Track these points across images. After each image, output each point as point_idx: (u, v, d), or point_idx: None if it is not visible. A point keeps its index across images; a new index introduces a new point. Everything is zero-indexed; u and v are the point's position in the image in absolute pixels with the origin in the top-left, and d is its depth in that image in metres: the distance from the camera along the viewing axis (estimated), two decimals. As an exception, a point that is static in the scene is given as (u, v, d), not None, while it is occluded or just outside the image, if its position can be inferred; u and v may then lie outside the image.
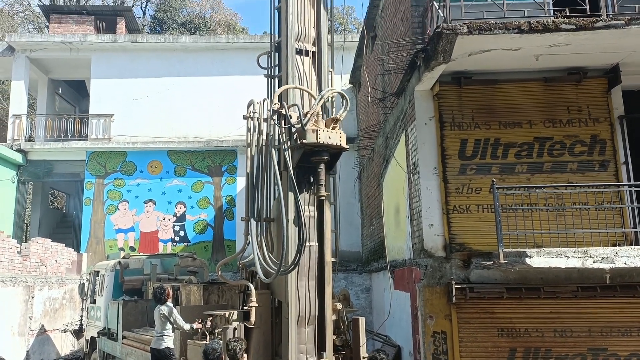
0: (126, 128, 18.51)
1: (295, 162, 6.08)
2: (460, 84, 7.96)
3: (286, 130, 6.20)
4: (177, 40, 19.59)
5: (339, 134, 6.17)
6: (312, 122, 6.00)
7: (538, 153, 7.78)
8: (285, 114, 6.18)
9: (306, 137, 5.87)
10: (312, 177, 6.35)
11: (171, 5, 37.31)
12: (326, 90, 6.48)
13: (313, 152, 6.03)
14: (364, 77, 14.28)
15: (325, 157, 6.09)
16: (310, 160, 6.17)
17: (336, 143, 6.04)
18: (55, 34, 19.55)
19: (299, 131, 5.98)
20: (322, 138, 5.87)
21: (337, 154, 6.38)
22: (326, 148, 6.02)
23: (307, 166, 6.30)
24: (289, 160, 6.00)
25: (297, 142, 6.00)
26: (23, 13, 34.89)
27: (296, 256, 5.75)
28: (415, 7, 8.87)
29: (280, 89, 6.47)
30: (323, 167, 6.10)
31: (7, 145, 17.56)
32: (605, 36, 6.62)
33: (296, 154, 6.09)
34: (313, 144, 5.89)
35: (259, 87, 8.62)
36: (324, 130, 5.93)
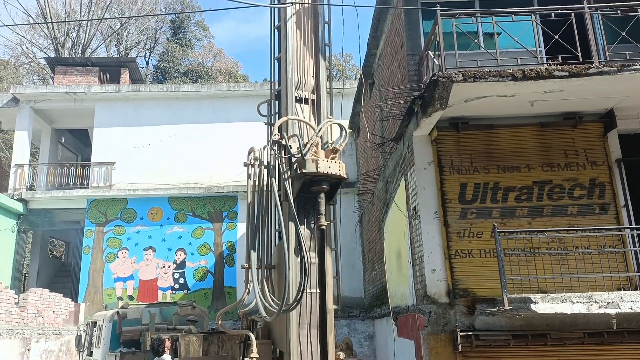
0: (127, 175, 18.63)
1: (295, 192, 6.06)
2: (457, 129, 8.07)
3: (286, 160, 6.26)
4: (179, 88, 19.99)
5: (338, 163, 6.25)
6: (311, 153, 6.04)
7: (538, 197, 7.80)
8: (285, 144, 6.29)
9: (306, 166, 5.89)
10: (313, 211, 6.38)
11: (174, 55, 38.27)
12: (325, 121, 6.62)
13: (313, 181, 6.03)
14: (363, 123, 14.48)
15: (325, 186, 6.08)
16: (311, 190, 6.22)
17: (336, 172, 6.04)
18: (59, 85, 19.96)
19: (299, 161, 6.00)
20: (322, 167, 5.91)
21: (337, 184, 6.37)
22: (326, 177, 6.03)
23: (307, 196, 6.34)
24: (289, 189, 6.00)
25: (297, 171, 6.06)
26: (29, 65, 35.73)
27: (299, 289, 5.69)
28: (411, 55, 9.08)
29: (280, 121, 6.60)
30: (323, 197, 6.08)
31: (9, 195, 17.62)
32: (598, 82, 6.76)
33: (296, 183, 6.08)
34: (313, 173, 5.91)
35: (259, 134, 8.74)
36: (323, 160, 5.97)
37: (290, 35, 6.87)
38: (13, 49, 35.14)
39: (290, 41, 6.85)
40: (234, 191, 18.10)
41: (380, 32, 11.86)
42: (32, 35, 33.87)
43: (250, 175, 6.72)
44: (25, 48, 34.71)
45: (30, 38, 33.93)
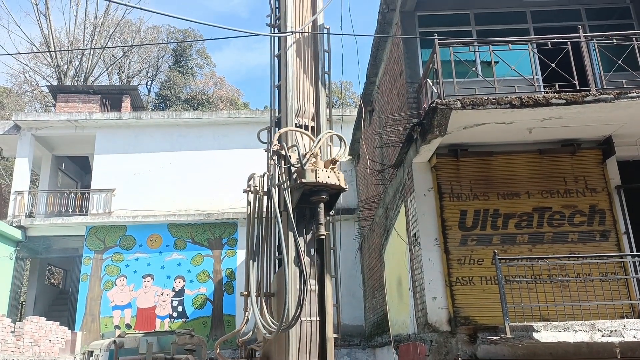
0: (127, 202, 18.61)
1: (295, 202, 6.11)
2: (457, 156, 8.09)
3: (286, 171, 6.27)
4: (180, 116, 20.16)
5: (337, 174, 6.22)
6: (311, 163, 6.08)
7: (538, 223, 7.77)
8: (285, 155, 6.33)
9: (305, 176, 5.94)
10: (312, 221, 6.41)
11: (175, 82, 38.69)
12: (324, 133, 6.68)
13: (312, 192, 6.07)
14: (363, 150, 14.54)
15: (325, 196, 6.10)
16: (310, 200, 6.14)
17: (335, 183, 6.08)
18: (61, 112, 20.13)
19: (298, 171, 6.04)
20: (321, 177, 5.96)
21: (337, 195, 6.37)
22: (325, 188, 6.08)
23: (307, 206, 6.35)
24: (289, 199, 6.05)
25: (296, 181, 6.06)
26: (31, 92, 36.07)
27: (299, 303, 5.66)
28: (410, 83, 9.19)
29: (280, 131, 6.65)
30: (322, 207, 6.11)
31: (8, 222, 17.58)
32: (595, 109, 6.81)
33: (296, 194, 6.12)
34: (312, 183, 5.95)
35: (259, 161, 8.77)
36: (322, 170, 6.03)
37: (290, 64, 6.96)
38: (16, 77, 35.57)
39: (291, 69, 6.94)
40: (233, 218, 18.06)
41: (380, 61, 12.02)
42: (35, 64, 34.30)
43: (250, 202, 6.73)
44: (28, 76, 35.13)
45: (34, 66, 34.36)
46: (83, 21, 32.90)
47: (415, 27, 9.67)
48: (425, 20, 9.77)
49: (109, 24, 33.86)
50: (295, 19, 7.23)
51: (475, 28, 9.69)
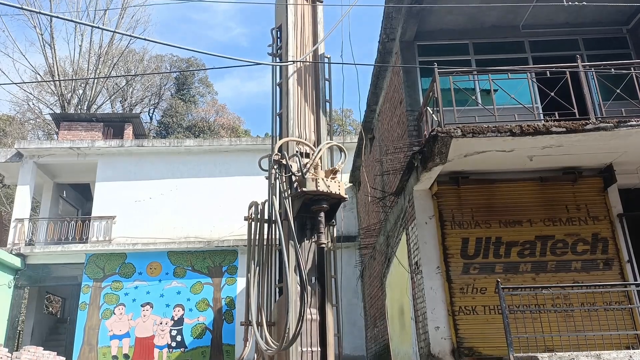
0: (127, 229, 18.55)
1: (295, 211, 6.14)
2: (458, 184, 8.10)
3: (286, 180, 6.32)
4: (182, 143, 20.25)
5: (338, 183, 6.25)
6: (311, 173, 6.14)
7: (541, 252, 7.72)
8: (285, 164, 6.33)
9: (306, 185, 6.01)
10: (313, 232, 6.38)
11: (177, 110, 39.02)
12: (324, 143, 6.74)
13: (313, 201, 6.13)
14: (364, 177, 14.56)
15: (325, 205, 6.15)
16: (311, 210, 6.18)
17: (335, 192, 6.14)
18: (64, 140, 20.23)
19: (299, 180, 6.11)
20: (322, 186, 6.02)
21: (337, 204, 6.42)
22: (326, 197, 6.13)
23: (308, 216, 6.35)
24: (289, 208, 6.06)
25: (297, 190, 6.11)
26: (34, 120, 36.36)
27: (300, 314, 5.64)
28: (410, 111, 9.25)
29: (281, 141, 6.65)
30: (323, 216, 6.17)
31: (7, 250, 17.49)
32: (595, 138, 6.84)
33: (296, 203, 6.17)
34: (313, 192, 6.00)
35: (260, 188, 8.76)
36: (323, 180, 6.09)
37: (291, 92, 7.03)
38: (19, 105, 35.88)
39: (292, 97, 7.01)
40: (234, 245, 17.96)
41: (380, 89, 12.14)
42: (39, 92, 34.67)
43: (250, 230, 6.71)
44: (32, 104, 35.46)
45: (37, 94, 34.72)
46: (87, 50, 33.38)
47: (415, 56, 9.81)
48: (425, 50, 9.91)
49: (113, 53, 34.33)
50: (296, 49, 7.34)
51: (474, 57, 9.82)
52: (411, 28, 9.43)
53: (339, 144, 6.72)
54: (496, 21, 9.79)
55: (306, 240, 6.35)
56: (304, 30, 7.55)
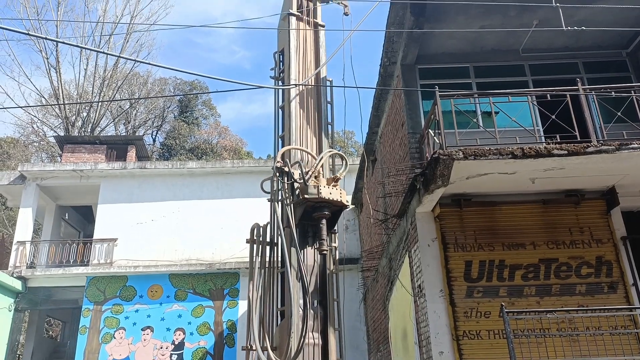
0: (129, 252, 18.49)
1: (297, 218, 6.20)
2: (460, 206, 8.07)
3: (289, 187, 6.36)
4: (184, 165, 20.32)
5: (339, 191, 6.31)
6: (313, 180, 6.20)
7: (545, 275, 7.65)
8: (288, 171, 6.38)
9: (308, 191, 6.09)
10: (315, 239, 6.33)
11: (180, 132, 39.24)
12: (326, 152, 6.82)
13: (315, 208, 6.21)
14: (366, 199, 14.54)
15: (327, 212, 6.22)
16: (312, 217, 6.26)
17: (337, 199, 6.21)
18: (67, 163, 20.32)
19: (301, 187, 6.18)
20: (324, 193, 6.10)
21: (338, 212, 6.48)
22: (327, 204, 6.19)
23: (310, 223, 6.34)
24: (291, 215, 6.12)
25: (299, 197, 6.16)
26: (38, 143, 36.58)
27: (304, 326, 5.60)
28: (412, 134, 9.29)
29: (282, 149, 6.72)
30: (325, 223, 6.23)
31: (8, 273, 17.43)
32: (597, 160, 6.84)
33: (298, 209, 6.24)
34: (315, 198, 6.08)
35: (262, 210, 8.75)
36: (325, 187, 6.17)
37: (293, 115, 7.08)
38: (24, 127, 36.14)
39: (294, 120, 7.06)
40: (235, 268, 17.87)
41: (382, 111, 12.20)
42: (43, 115, 34.95)
43: (252, 253, 6.68)
44: (36, 127, 35.71)
45: (42, 117, 34.99)
46: (92, 74, 33.73)
47: (416, 79, 9.88)
48: (426, 73, 9.99)
49: (118, 76, 34.70)
50: (298, 72, 7.42)
51: (475, 80, 9.89)
52: (412, 52, 9.53)
53: (340, 152, 6.79)
54: (496, 45, 9.89)
55: (308, 247, 6.36)
56: (306, 54, 7.65)
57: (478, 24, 9.29)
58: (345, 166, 6.60)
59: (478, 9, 8.93)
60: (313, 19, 7.84)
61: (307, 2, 7.84)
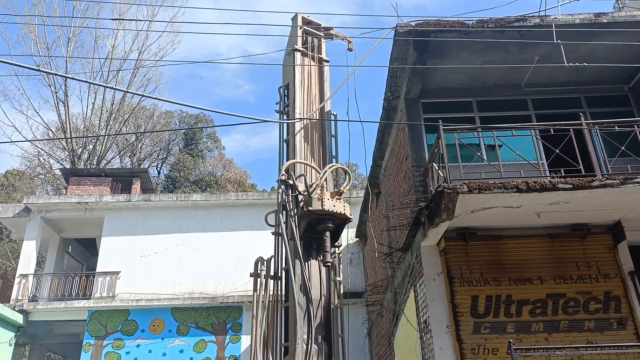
0: (131, 285, 18.35)
1: (302, 231, 6.27)
2: (465, 240, 8.01)
3: (293, 200, 6.44)
4: (189, 198, 20.34)
5: (343, 204, 6.40)
6: (317, 193, 6.29)
7: (553, 311, 7.53)
8: (292, 184, 6.47)
9: (312, 204, 6.18)
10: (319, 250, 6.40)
11: (185, 165, 39.49)
12: (329, 166, 6.87)
13: (319, 221, 6.30)
14: (370, 233, 14.47)
15: (331, 225, 6.29)
16: (316, 229, 6.33)
17: (340, 211, 6.31)
18: (72, 195, 20.39)
19: (305, 199, 6.27)
20: (327, 206, 6.20)
21: (342, 225, 6.56)
22: (331, 216, 6.28)
23: (314, 236, 6.39)
24: (295, 228, 6.18)
25: (303, 209, 6.26)
26: (44, 175, 36.82)
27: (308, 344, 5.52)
28: (416, 167, 9.31)
29: (287, 163, 6.82)
30: (328, 235, 6.30)
31: (10, 306, 17.28)
32: (602, 194, 6.82)
33: (303, 222, 6.32)
34: (319, 211, 6.18)
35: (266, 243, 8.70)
36: (329, 200, 6.27)
37: (298, 148, 7.13)
38: (30, 160, 36.44)
39: (298, 153, 7.10)
40: (239, 302, 17.68)
41: (385, 145, 12.27)
42: (50, 148, 35.28)
43: (256, 286, 6.63)
44: (43, 159, 36.01)
45: (48, 150, 35.32)
46: (100, 107, 34.19)
47: (419, 113, 9.96)
48: (429, 107, 10.09)
49: (125, 110, 35.15)
50: (303, 106, 7.51)
51: (478, 114, 9.97)
52: (415, 86, 9.65)
53: (344, 166, 6.92)
54: (498, 80, 10.01)
55: (312, 259, 6.38)
56: (310, 88, 7.76)
57: (480, 60, 9.43)
58: (348, 180, 6.77)
59: (480, 45, 9.08)
60: (318, 55, 7.99)
61: (311, 38, 8.00)
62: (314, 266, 6.39)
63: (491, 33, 8.71)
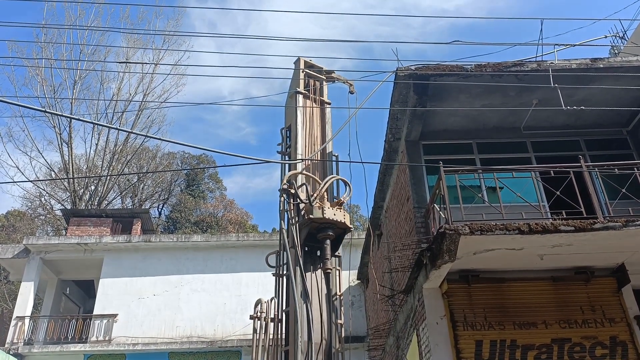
0: (129, 328, 18.04)
1: (302, 239, 6.41)
2: (468, 282, 7.92)
3: (294, 208, 6.59)
4: (189, 238, 20.25)
5: (343, 213, 6.55)
6: (318, 202, 6.45)
7: (558, 356, 7.35)
8: (294, 193, 6.63)
9: (313, 212, 6.33)
10: None
11: (186, 205, 39.47)
12: (330, 177, 7.00)
13: (319, 229, 6.46)
14: (372, 275, 14.32)
15: (331, 233, 6.44)
16: (317, 238, 6.48)
17: (341, 220, 6.46)
18: (72, 236, 20.31)
19: (306, 208, 6.41)
20: (328, 214, 6.37)
21: (342, 235, 6.69)
22: (331, 225, 6.42)
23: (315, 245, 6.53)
24: (296, 235, 6.30)
25: (304, 218, 6.40)
26: (44, 216, 36.76)
27: None
28: (417, 208, 9.30)
29: (289, 173, 6.95)
30: (329, 243, 6.43)
31: (5, 349, 16.94)
32: (604, 237, 6.78)
33: (304, 230, 6.46)
34: (320, 219, 6.33)
35: (266, 285, 8.63)
36: (329, 209, 6.43)
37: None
38: (31, 200, 36.47)
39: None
40: (238, 346, 17.32)
41: (387, 186, 12.30)
42: (52, 189, 35.37)
43: (256, 329, 6.52)
44: (44, 200, 36.04)
45: (50, 191, 35.39)
46: (103, 149, 34.50)
47: (420, 154, 10.03)
48: (430, 149, 10.16)
49: (127, 151, 35.44)
50: (305, 147, 7.59)
51: (478, 156, 10.03)
52: (416, 128, 9.75)
53: (343, 178, 7.12)
54: (498, 123, 10.13)
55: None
56: (312, 130, 7.86)
57: (479, 103, 9.57)
58: (349, 191, 6.92)
59: (479, 89, 9.24)
60: (319, 97, 8.13)
61: (313, 81, 8.16)
62: (315, 308, 6.31)
63: (489, 77, 8.88)
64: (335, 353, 6.28)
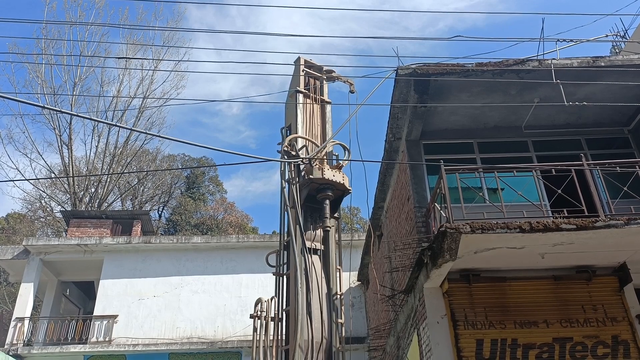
0: (129, 329, 18.00)
1: (302, 199, 6.62)
2: (469, 282, 7.88)
3: (295, 169, 6.81)
4: (189, 240, 20.22)
5: (342, 175, 6.76)
6: (318, 164, 6.69)
7: (560, 355, 7.32)
8: (295, 154, 6.86)
9: (313, 173, 6.55)
10: None
11: (186, 208, 39.44)
12: (328, 140, 7.21)
13: (319, 190, 6.69)
14: (372, 275, 14.29)
15: (330, 193, 6.66)
16: (317, 198, 6.70)
17: (340, 181, 6.69)
18: (72, 237, 20.28)
19: (306, 168, 6.62)
20: (328, 175, 6.62)
21: (341, 197, 6.91)
22: (331, 186, 6.65)
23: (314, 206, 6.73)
24: (297, 195, 6.52)
25: (304, 178, 6.62)
26: (44, 218, 36.71)
27: None
28: (418, 208, 9.27)
29: (289, 137, 7.15)
30: (328, 203, 6.66)
31: (5, 351, 16.90)
32: (606, 235, 6.75)
33: (304, 190, 6.67)
34: (319, 179, 6.57)
35: (267, 285, 8.60)
36: (329, 170, 6.68)
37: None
38: (31, 202, 36.41)
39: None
40: (238, 347, 17.28)
41: (387, 186, 12.27)
42: (52, 191, 35.34)
43: (256, 328, 6.48)
44: (44, 202, 35.99)
45: (50, 193, 35.36)
46: (103, 151, 34.48)
47: (421, 154, 10.01)
48: (431, 148, 10.14)
49: (127, 153, 35.41)
50: (305, 146, 7.56)
51: (479, 156, 10.01)
52: (417, 128, 9.73)
53: (342, 143, 7.29)
54: (499, 122, 10.11)
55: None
56: (313, 129, 7.83)
57: (480, 102, 9.55)
58: (348, 155, 7.07)
59: (479, 87, 9.22)
60: (320, 96, 8.11)
61: (313, 80, 8.14)
62: (316, 307, 6.28)
63: (490, 75, 8.86)
64: (335, 352, 6.25)
